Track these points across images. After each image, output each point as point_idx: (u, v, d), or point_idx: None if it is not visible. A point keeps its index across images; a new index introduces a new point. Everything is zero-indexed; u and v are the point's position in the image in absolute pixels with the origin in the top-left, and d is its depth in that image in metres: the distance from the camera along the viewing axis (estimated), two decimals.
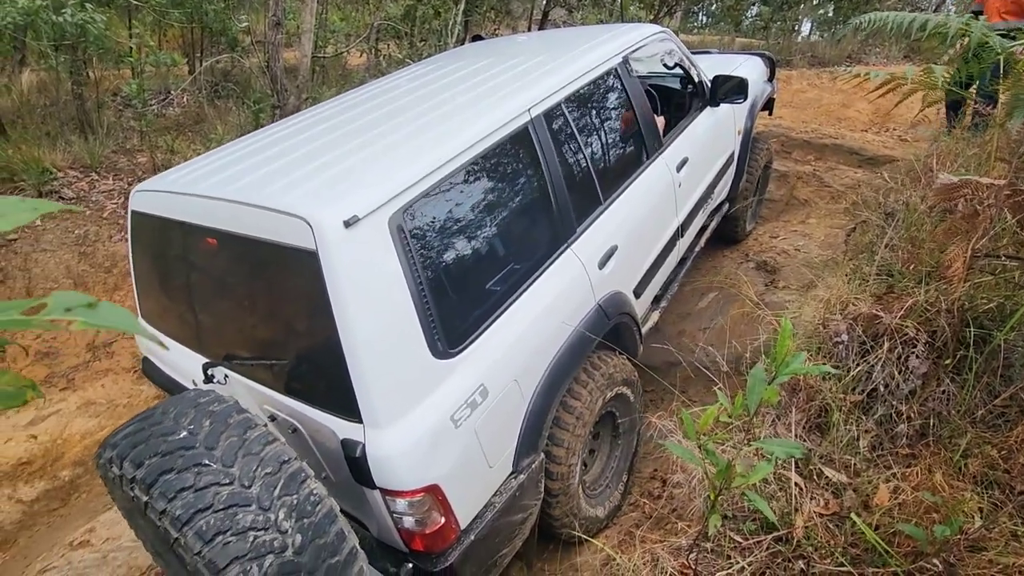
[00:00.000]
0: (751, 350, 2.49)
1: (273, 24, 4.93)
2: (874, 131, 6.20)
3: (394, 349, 1.51)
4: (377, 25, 6.81)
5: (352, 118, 2.09)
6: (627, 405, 2.40)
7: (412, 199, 1.59)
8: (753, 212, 4.34)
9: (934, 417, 1.87)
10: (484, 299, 1.78)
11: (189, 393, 1.51)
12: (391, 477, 1.49)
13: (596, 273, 2.16)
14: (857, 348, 2.02)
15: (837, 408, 1.93)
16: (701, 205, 3.17)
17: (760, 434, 1.94)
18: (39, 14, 4.58)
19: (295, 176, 1.66)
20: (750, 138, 3.79)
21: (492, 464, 1.74)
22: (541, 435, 1.92)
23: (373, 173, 1.61)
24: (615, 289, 2.26)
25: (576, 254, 2.10)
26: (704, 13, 12.02)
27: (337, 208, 1.45)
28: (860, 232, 3.43)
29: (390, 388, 1.50)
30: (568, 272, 2.05)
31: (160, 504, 1.25)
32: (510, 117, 1.94)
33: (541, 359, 1.90)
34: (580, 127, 2.29)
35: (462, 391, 1.62)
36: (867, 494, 1.75)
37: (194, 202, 1.76)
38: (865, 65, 8.01)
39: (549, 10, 8.93)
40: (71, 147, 5.20)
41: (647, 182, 2.57)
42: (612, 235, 2.27)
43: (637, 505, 2.57)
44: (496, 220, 1.88)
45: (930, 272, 2.10)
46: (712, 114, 3.24)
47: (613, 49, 2.57)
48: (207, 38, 7.28)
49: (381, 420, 1.48)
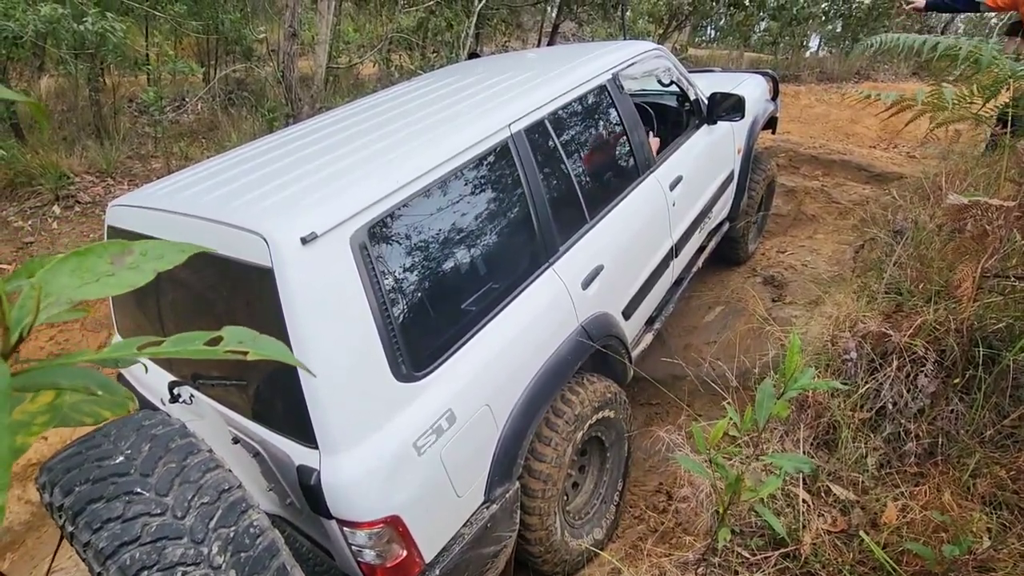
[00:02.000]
0: (759, 365, 2.49)
1: (289, 35, 5.02)
2: (882, 147, 6.22)
3: (353, 371, 1.44)
4: (390, 36, 6.91)
5: (333, 133, 2.05)
6: (615, 431, 2.32)
7: (378, 216, 1.54)
8: (756, 232, 4.27)
9: (943, 436, 1.88)
10: (455, 320, 1.72)
11: (136, 415, 1.41)
12: (348, 507, 1.42)
13: (579, 294, 2.08)
14: (866, 366, 2.03)
15: (846, 425, 1.94)
16: (698, 225, 3.11)
17: (768, 449, 1.95)
18: (60, 22, 4.68)
19: (263, 191, 1.61)
20: (751, 157, 3.74)
21: (461, 493, 1.66)
22: (515, 463, 1.83)
23: (338, 189, 1.55)
24: (601, 310, 2.19)
25: (558, 274, 2.03)
26: (713, 28, 12.11)
27: (295, 224, 1.40)
28: (868, 249, 3.44)
29: (348, 412, 1.43)
30: (548, 292, 1.98)
31: (84, 535, 1.17)
32: (488, 133, 1.89)
33: (517, 383, 1.82)
34: (565, 144, 2.23)
35: (427, 416, 1.55)
36: (875, 512, 1.75)
37: (164, 218, 1.72)
38: (873, 81, 8.05)
39: (559, 23, 9.03)
40: (87, 152, 5.29)
41: (637, 201, 2.51)
42: (598, 255, 2.20)
43: (642, 518, 2.57)
44: (472, 238, 1.81)
45: (939, 291, 2.11)
46: (710, 132, 3.19)
47: (602, 66, 2.53)
48: (222, 47, 7.40)
49: (338, 446, 1.41)
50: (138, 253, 0.26)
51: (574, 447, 2.04)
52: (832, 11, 9.62)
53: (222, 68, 7.29)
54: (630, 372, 2.46)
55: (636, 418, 3.13)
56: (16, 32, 4.52)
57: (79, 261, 0.26)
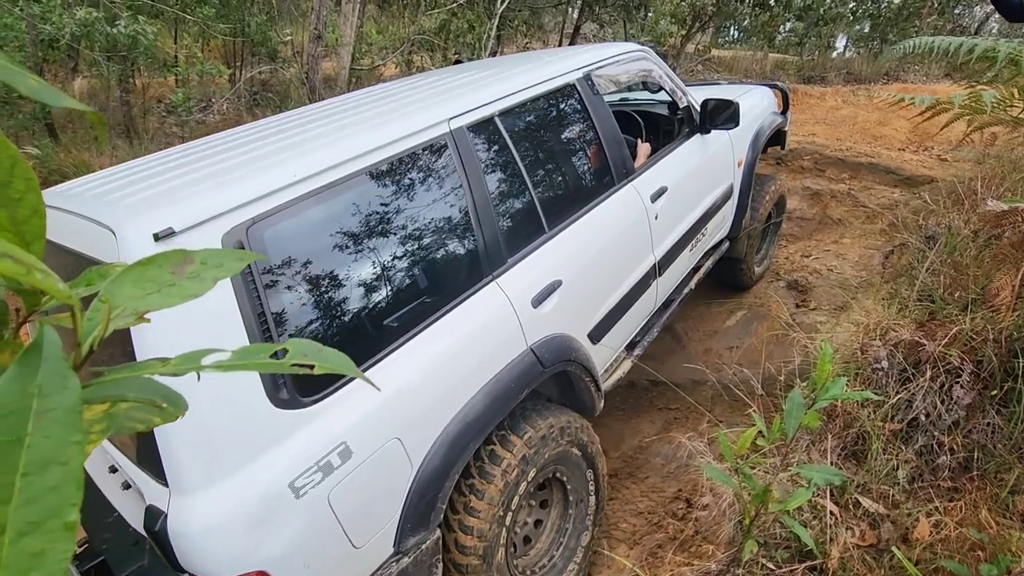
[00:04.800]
0: (785, 372, 2.45)
1: (314, 37, 5.09)
2: (912, 150, 6.07)
3: (216, 395, 1.20)
4: (412, 38, 6.96)
5: (275, 131, 1.83)
6: (578, 470, 2.06)
7: (264, 212, 1.33)
8: (764, 255, 3.97)
9: (978, 450, 1.82)
10: (361, 337, 1.49)
11: None
12: (200, 560, 1.18)
13: (529, 312, 1.83)
14: (897, 375, 1.97)
15: (876, 436, 1.89)
16: (688, 242, 2.83)
17: (794, 459, 1.91)
18: (95, 25, 4.81)
19: (154, 185, 1.43)
20: (754, 170, 3.43)
21: (358, 544, 1.41)
22: (435, 507, 1.55)
23: (224, 182, 1.36)
24: (557, 332, 1.93)
25: (502, 288, 1.79)
26: (736, 28, 11.96)
27: (150, 218, 1.21)
28: (898, 255, 3.36)
29: (206, 443, 1.19)
30: (488, 309, 1.73)
31: None
32: (421, 127, 1.69)
33: (440, 413, 1.56)
34: (522, 145, 2.02)
35: (312, 451, 1.31)
36: (906, 527, 1.70)
37: (57, 216, 1.51)
38: (903, 83, 7.85)
39: (581, 24, 9.00)
40: (117, 151, 5.43)
41: (610, 211, 2.25)
42: (555, 269, 1.96)
43: (661, 525, 2.54)
44: (391, 243, 1.58)
45: (976, 299, 2.04)
46: (703, 142, 2.93)
47: (573, 64, 2.32)
48: (248, 49, 7.54)
49: (192, 485, 1.18)
50: (198, 262, 0.26)
51: (522, 491, 1.77)
52: (860, 11, 9.42)
53: (248, 69, 7.42)
54: (599, 403, 2.19)
55: (654, 423, 3.10)
56: (53, 35, 4.65)
57: (141, 271, 0.26)
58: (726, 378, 2.81)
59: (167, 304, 0.25)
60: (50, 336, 0.21)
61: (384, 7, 8.70)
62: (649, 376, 3.13)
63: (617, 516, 2.53)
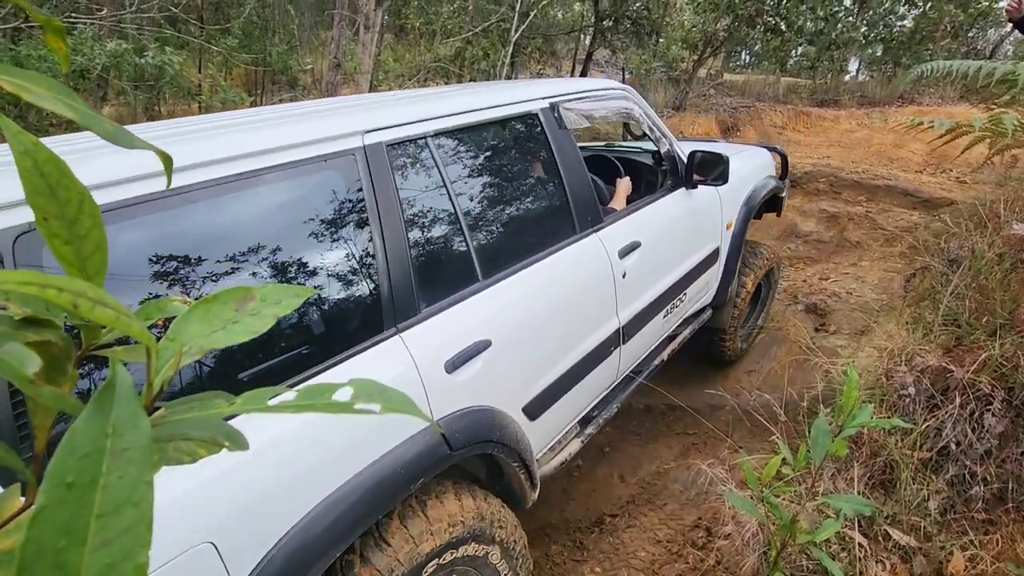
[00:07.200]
0: (808, 398, 2.40)
1: (333, 65, 5.23)
2: (929, 172, 6.03)
3: None
4: (428, 66, 7.13)
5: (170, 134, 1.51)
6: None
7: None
8: (748, 331, 3.56)
9: (1013, 480, 1.76)
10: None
11: None
12: None
13: (441, 377, 1.49)
14: (924, 402, 1.93)
15: (904, 465, 1.84)
16: (662, 306, 2.49)
17: (820, 488, 1.86)
18: (124, 56, 5.01)
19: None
20: (744, 235, 3.11)
21: None
22: None
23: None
24: (480, 404, 1.58)
25: (407, 344, 1.45)
26: (748, 53, 12.08)
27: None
28: (920, 278, 3.31)
29: None
30: (381, 369, 1.39)
31: None
32: (323, 136, 1.40)
33: (288, 504, 1.20)
34: (459, 176, 1.73)
35: None
36: (940, 561, 1.64)
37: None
38: (919, 105, 7.84)
39: (593, 51, 9.16)
40: None
41: (565, 264, 1.93)
42: (484, 326, 1.62)
43: (680, 554, 2.47)
44: (255, 272, 1.24)
45: (1004, 324, 2.00)
46: (689, 197, 2.64)
47: (539, 92, 2.06)
48: (269, 77, 7.77)
49: None
50: (259, 299, 0.27)
51: None
52: (872, 35, 9.48)
53: (269, 97, 7.64)
54: (531, 494, 1.80)
55: (672, 448, 3.05)
56: (84, 65, 4.85)
57: (207, 309, 0.26)
58: (746, 403, 2.76)
59: (232, 341, 0.26)
60: (122, 375, 0.21)
61: (401, 36, 8.96)
62: (666, 400, 3.09)
63: (635, 544, 2.47)
